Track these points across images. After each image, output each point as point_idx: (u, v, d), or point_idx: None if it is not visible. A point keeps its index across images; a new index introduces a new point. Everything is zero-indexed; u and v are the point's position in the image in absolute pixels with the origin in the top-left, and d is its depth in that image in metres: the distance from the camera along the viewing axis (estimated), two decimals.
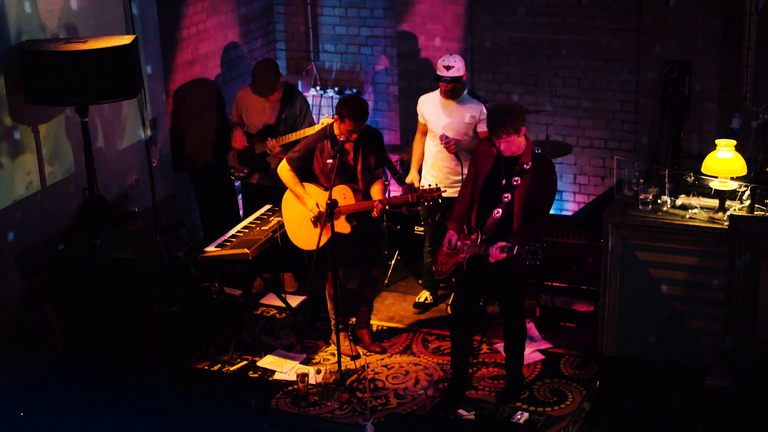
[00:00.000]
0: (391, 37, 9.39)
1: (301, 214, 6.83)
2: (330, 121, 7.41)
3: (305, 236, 6.84)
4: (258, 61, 8.11)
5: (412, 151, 7.66)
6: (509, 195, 6.10)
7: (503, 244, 6.03)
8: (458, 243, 6.27)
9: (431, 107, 7.39)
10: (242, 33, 9.23)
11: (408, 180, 7.61)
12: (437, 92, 7.40)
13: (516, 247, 5.95)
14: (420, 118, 7.52)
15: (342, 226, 6.69)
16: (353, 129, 6.56)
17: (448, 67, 7.21)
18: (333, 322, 7.07)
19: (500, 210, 6.12)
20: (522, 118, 6.08)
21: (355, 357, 7.05)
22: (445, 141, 7.20)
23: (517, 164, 6.10)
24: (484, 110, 7.25)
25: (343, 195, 6.68)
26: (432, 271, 7.67)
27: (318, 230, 6.67)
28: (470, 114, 7.28)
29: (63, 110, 6.77)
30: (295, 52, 9.83)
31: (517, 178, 6.09)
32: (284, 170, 6.82)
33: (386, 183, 7.00)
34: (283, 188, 7.72)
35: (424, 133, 7.53)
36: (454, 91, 7.25)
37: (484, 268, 6.20)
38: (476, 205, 6.26)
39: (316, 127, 7.53)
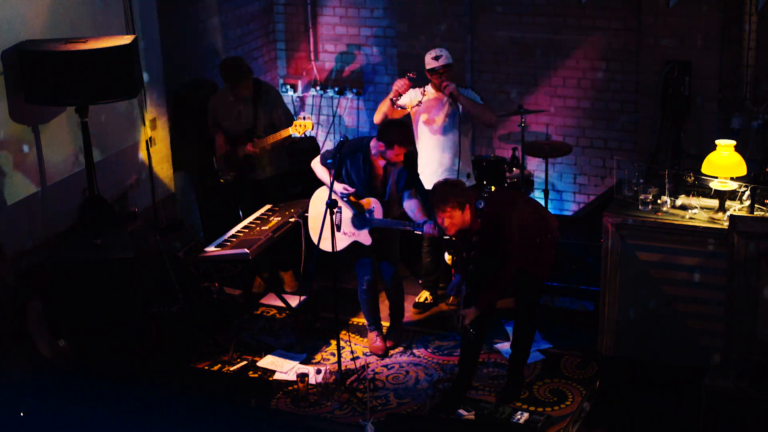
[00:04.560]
0: (391, 37, 9.39)
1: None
2: (303, 122, 7.52)
3: (324, 237, 6.82)
4: (222, 60, 8.08)
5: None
6: (474, 252, 6.19)
7: (462, 313, 6.23)
8: (462, 289, 6.36)
9: (426, 104, 7.36)
10: (242, 33, 9.23)
11: None
12: (429, 87, 7.39)
13: (464, 320, 6.22)
14: (405, 105, 7.47)
15: (364, 237, 6.73)
16: (402, 153, 6.59)
17: (437, 57, 7.20)
18: (367, 323, 7.18)
19: (472, 266, 6.24)
20: (468, 196, 6.09)
21: (355, 358, 7.06)
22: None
23: (470, 230, 6.17)
24: (474, 95, 7.33)
25: (374, 207, 6.70)
26: (431, 271, 7.70)
27: (337, 234, 6.69)
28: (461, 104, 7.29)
29: (63, 110, 6.77)
30: (295, 52, 9.83)
31: (475, 236, 6.16)
32: (317, 164, 6.88)
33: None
34: (275, 180, 7.73)
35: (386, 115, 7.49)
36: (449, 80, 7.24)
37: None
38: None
39: (291, 130, 7.59)
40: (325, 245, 6.71)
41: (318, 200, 6.94)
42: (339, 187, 6.71)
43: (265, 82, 8.06)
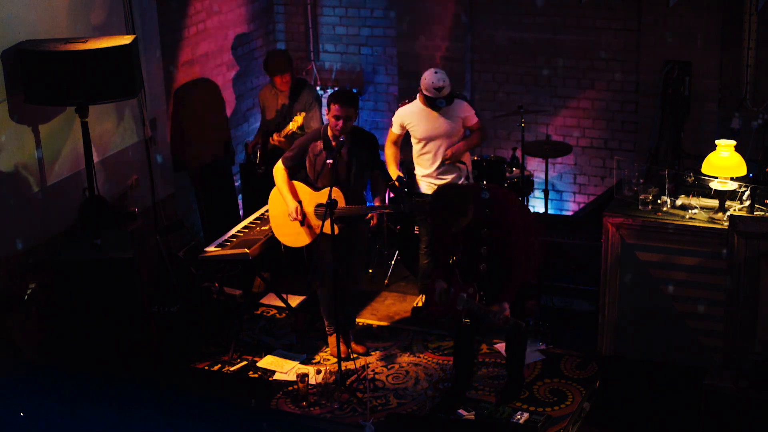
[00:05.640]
0: (391, 37, 9.39)
1: (286, 211, 6.85)
2: (300, 120, 7.71)
3: (288, 233, 6.86)
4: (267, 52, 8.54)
5: (386, 156, 7.51)
6: (485, 247, 6.14)
7: (508, 316, 6.04)
8: (452, 293, 6.24)
9: (418, 119, 7.31)
10: (242, 33, 9.23)
11: (394, 176, 7.54)
12: (417, 102, 7.34)
13: (522, 324, 6.06)
14: (396, 129, 7.40)
15: (328, 227, 6.71)
16: (339, 114, 6.54)
17: (439, 89, 7.13)
18: (326, 324, 7.10)
19: (484, 264, 6.18)
20: (467, 198, 6.03)
21: (354, 359, 7.05)
22: (449, 156, 7.31)
23: (477, 224, 6.10)
24: (468, 105, 7.36)
25: (334, 197, 6.69)
26: (428, 273, 7.67)
27: (302, 228, 6.77)
28: (456, 115, 7.29)
29: (63, 110, 6.77)
30: (295, 52, 9.82)
31: (485, 230, 6.09)
32: (278, 170, 6.84)
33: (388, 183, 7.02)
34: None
35: (396, 143, 7.47)
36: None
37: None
38: (456, 259, 6.28)
39: (290, 126, 7.80)
40: (288, 240, 6.87)
41: (275, 200, 6.92)
42: (293, 215, 6.73)
43: (309, 84, 8.26)
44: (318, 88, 9.74)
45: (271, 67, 8.09)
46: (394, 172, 7.47)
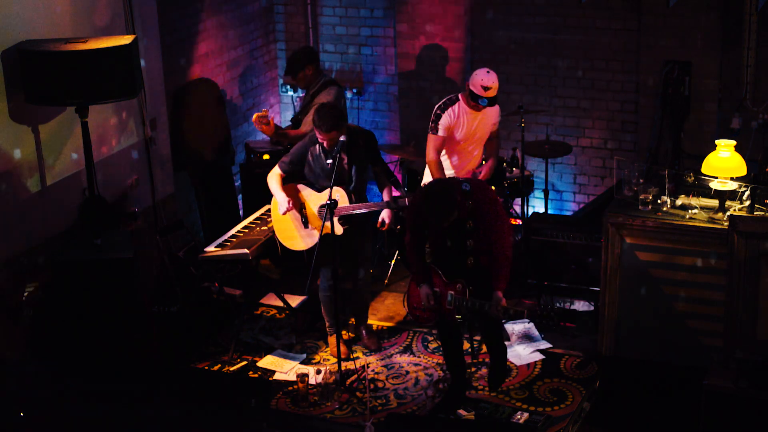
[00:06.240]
0: (391, 37, 9.39)
1: (289, 215, 6.84)
2: (264, 113, 7.79)
3: (293, 237, 6.85)
4: None
5: (434, 170, 7.27)
6: (471, 240, 6.15)
7: (506, 306, 6.09)
8: (438, 295, 6.26)
9: (462, 120, 7.26)
10: (242, 33, 9.23)
11: None
12: (460, 102, 7.28)
13: (525, 311, 6.13)
14: (443, 132, 7.23)
15: (336, 227, 6.70)
16: (323, 140, 6.61)
17: (486, 88, 7.08)
18: (327, 324, 7.10)
19: (472, 258, 6.19)
20: (454, 190, 6.04)
21: (354, 359, 7.05)
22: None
23: (462, 216, 6.12)
24: (499, 111, 7.38)
25: (338, 197, 6.69)
26: None
27: (306, 231, 6.78)
28: (493, 119, 7.30)
29: (63, 110, 6.77)
30: None
31: (469, 222, 6.12)
32: (272, 174, 6.85)
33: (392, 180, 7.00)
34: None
35: (440, 151, 7.31)
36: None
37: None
38: (436, 255, 6.30)
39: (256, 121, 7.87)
40: (295, 244, 6.85)
41: (275, 207, 6.92)
42: (283, 207, 6.73)
43: (332, 89, 8.00)
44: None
45: (288, 66, 8.16)
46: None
